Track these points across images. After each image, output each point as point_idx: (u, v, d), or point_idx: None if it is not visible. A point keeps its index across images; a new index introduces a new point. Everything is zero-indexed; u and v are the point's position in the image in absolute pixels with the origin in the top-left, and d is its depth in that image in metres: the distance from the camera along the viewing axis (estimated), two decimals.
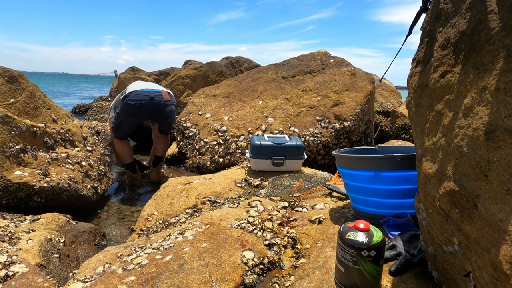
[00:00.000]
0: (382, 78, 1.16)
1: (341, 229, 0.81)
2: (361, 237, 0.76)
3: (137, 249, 1.11)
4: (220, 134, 2.64)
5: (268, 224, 1.27)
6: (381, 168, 1.08)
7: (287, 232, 1.23)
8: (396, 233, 1.03)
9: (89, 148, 2.23)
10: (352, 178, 1.18)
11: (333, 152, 1.29)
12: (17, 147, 1.70)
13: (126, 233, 1.79)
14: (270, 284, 0.98)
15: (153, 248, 1.10)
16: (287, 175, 1.96)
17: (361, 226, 0.78)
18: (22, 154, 1.72)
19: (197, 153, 2.65)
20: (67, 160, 1.95)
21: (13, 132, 1.71)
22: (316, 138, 2.50)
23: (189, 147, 2.74)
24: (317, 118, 2.62)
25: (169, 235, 1.20)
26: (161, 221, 1.48)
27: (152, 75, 5.29)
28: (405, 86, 0.88)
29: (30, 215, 1.55)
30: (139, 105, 2.37)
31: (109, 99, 7.51)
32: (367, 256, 0.75)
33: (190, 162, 2.66)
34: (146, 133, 3.54)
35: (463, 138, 0.59)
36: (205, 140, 2.66)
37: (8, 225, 1.35)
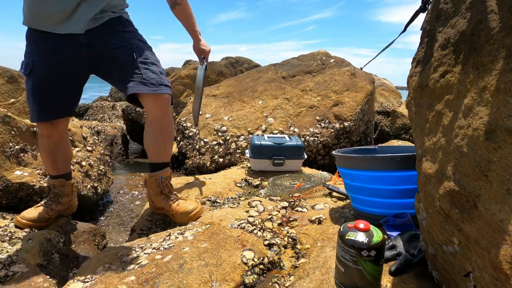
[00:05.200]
0: (363, 67, 1.16)
1: (341, 229, 0.81)
2: (361, 237, 0.76)
3: (137, 249, 1.11)
4: (220, 134, 2.64)
5: (268, 224, 1.27)
6: (381, 168, 1.08)
7: (287, 232, 1.23)
8: (396, 233, 1.03)
9: (89, 148, 2.24)
10: (352, 178, 1.18)
11: (333, 152, 1.29)
12: (17, 147, 1.70)
13: (126, 233, 1.79)
14: (270, 284, 0.98)
15: (153, 248, 1.10)
16: (287, 175, 1.96)
17: (361, 226, 0.78)
18: (22, 154, 1.72)
19: (197, 153, 2.65)
20: None
21: (13, 132, 1.71)
22: (316, 138, 2.50)
23: (189, 147, 2.74)
24: (317, 118, 2.62)
25: (169, 235, 1.20)
26: (161, 221, 1.48)
27: None
28: (405, 86, 0.88)
29: None
30: None
31: (109, 99, 7.51)
32: (367, 256, 0.75)
33: (190, 162, 2.66)
34: None
35: (463, 138, 0.59)
36: (205, 140, 2.66)
37: (8, 225, 1.35)
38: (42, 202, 1.43)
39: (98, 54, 1.32)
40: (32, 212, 1.37)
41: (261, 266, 1.03)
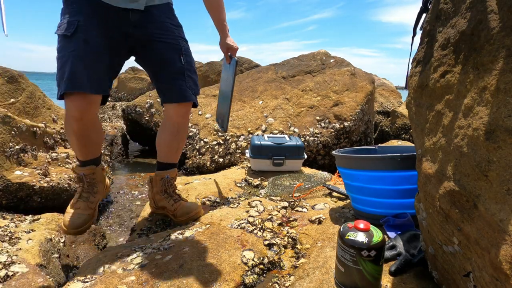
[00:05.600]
0: (406, 86, 1.08)
1: (341, 229, 0.81)
2: (361, 237, 0.76)
3: (137, 249, 1.11)
4: (220, 134, 2.64)
5: (268, 224, 1.27)
6: (381, 168, 1.08)
7: (287, 232, 1.23)
8: (396, 233, 1.03)
9: None
10: (352, 178, 1.18)
11: (333, 152, 1.29)
12: (17, 147, 1.70)
13: (126, 233, 1.79)
14: (270, 284, 0.98)
15: (153, 248, 1.10)
16: (287, 175, 1.96)
17: (361, 226, 0.78)
18: (22, 154, 1.72)
19: (197, 153, 2.65)
20: (67, 160, 1.95)
21: (13, 132, 1.71)
22: (316, 138, 2.50)
23: (189, 147, 2.74)
24: (317, 118, 2.62)
25: (169, 235, 1.20)
26: (161, 221, 1.47)
27: None
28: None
29: (30, 215, 1.55)
30: None
31: (109, 99, 7.51)
32: (367, 256, 0.75)
33: (190, 162, 2.66)
34: (146, 133, 3.54)
35: (463, 138, 0.59)
36: (205, 140, 2.66)
37: (8, 225, 1.35)
38: (77, 197, 1.28)
39: (143, 39, 1.25)
40: (78, 218, 1.22)
41: (261, 266, 1.03)
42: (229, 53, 1.56)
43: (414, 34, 0.95)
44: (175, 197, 1.41)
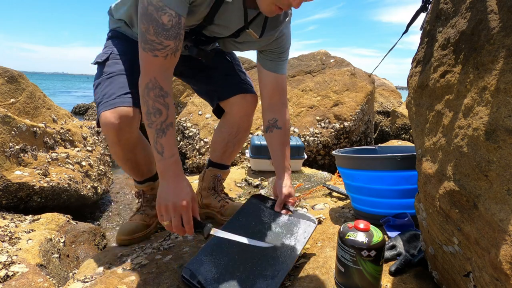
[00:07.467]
0: (372, 72, 1.15)
1: (341, 229, 0.81)
2: (361, 237, 0.76)
3: (137, 249, 1.11)
4: None
5: None
6: (381, 168, 1.08)
7: None
8: (396, 233, 1.03)
9: (89, 148, 2.24)
10: (352, 178, 1.18)
11: (333, 152, 1.29)
12: (17, 147, 1.70)
13: None
14: None
15: (153, 248, 1.10)
16: None
17: (361, 226, 0.78)
18: (22, 154, 1.72)
19: (197, 153, 2.65)
20: (67, 160, 1.95)
21: (13, 132, 1.71)
22: (316, 138, 2.50)
23: (189, 147, 2.74)
24: (317, 118, 2.62)
25: (169, 235, 1.20)
26: None
27: None
28: (405, 86, 0.88)
29: (30, 215, 1.55)
30: None
31: None
32: (367, 256, 0.75)
33: (190, 162, 2.66)
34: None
35: (463, 138, 0.59)
36: (205, 140, 2.66)
37: (8, 225, 1.35)
38: (134, 211, 1.30)
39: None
40: (129, 225, 1.22)
41: None
42: (287, 206, 1.12)
43: (406, 30, 0.95)
44: (222, 195, 1.38)
